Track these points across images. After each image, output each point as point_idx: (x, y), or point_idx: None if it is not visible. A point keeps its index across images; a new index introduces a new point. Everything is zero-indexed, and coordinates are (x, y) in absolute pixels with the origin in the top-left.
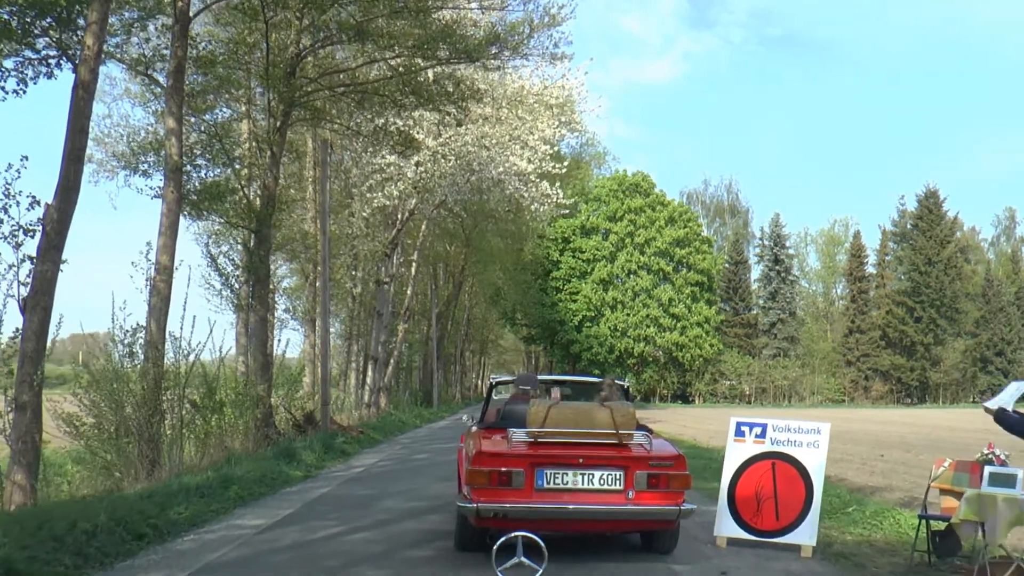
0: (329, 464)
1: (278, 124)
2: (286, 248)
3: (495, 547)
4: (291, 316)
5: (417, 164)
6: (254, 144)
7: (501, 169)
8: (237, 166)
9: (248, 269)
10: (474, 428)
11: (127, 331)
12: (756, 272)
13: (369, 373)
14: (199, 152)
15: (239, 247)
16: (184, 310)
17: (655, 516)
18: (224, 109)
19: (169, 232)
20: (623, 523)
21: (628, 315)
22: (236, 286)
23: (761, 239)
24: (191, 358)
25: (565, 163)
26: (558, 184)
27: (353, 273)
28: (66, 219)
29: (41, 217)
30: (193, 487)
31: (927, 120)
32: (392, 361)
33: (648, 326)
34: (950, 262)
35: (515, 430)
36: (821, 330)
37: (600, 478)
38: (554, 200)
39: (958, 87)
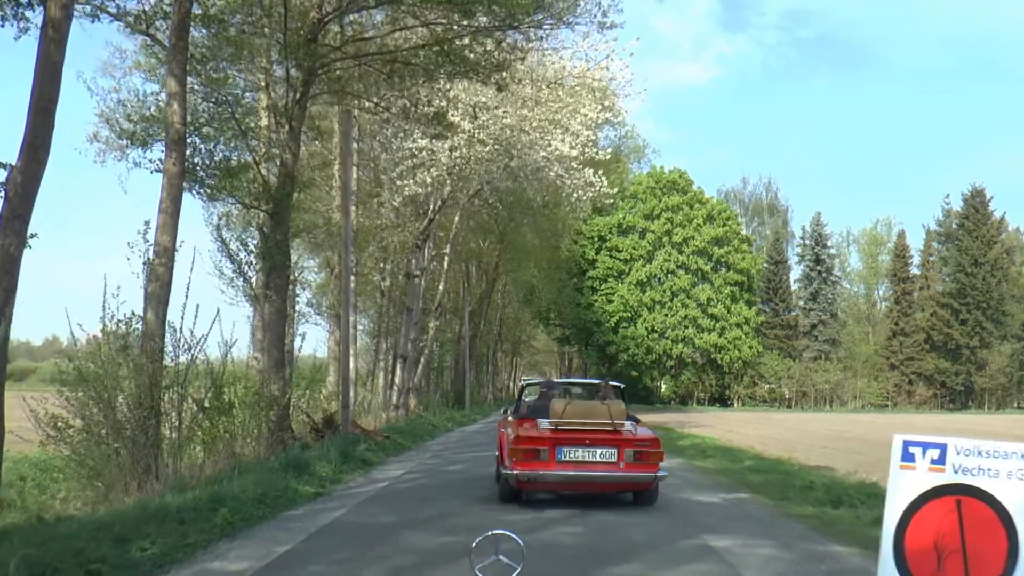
0: (347, 477)
1: (297, 96)
2: (308, 235)
3: (473, 546)
4: (314, 310)
5: (451, 149)
6: (272, 119)
7: (543, 154)
8: (252, 141)
9: (263, 255)
10: (510, 418)
11: (120, 321)
12: (796, 272)
13: (397, 372)
14: (204, 121)
15: (254, 231)
16: (186, 297)
17: (639, 480)
18: (239, 80)
19: (170, 209)
20: (617, 485)
21: (666, 316)
22: (250, 274)
23: (802, 238)
24: (196, 352)
25: (608, 151)
26: (601, 172)
27: (382, 266)
28: (33, 183)
29: (3, 181)
30: (173, 510)
31: (972, 118)
32: (422, 360)
33: (686, 327)
34: (996, 263)
35: (542, 420)
36: (863, 333)
37: (600, 453)
38: (598, 188)
39: (1002, 84)
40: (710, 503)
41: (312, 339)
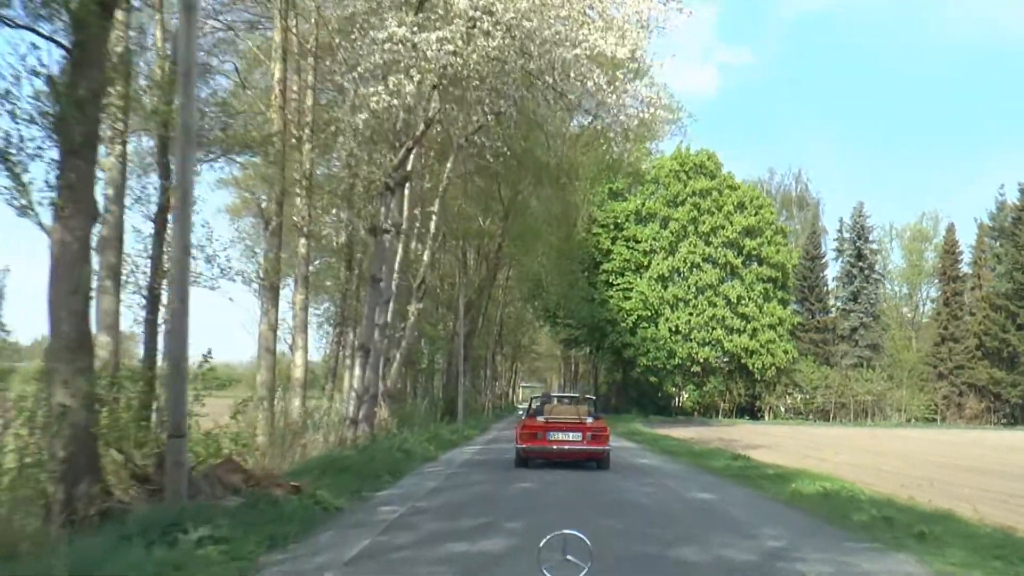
0: None
1: None
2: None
3: (540, 545)
4: (230, 276)
5: (442, 43)
6: None
7: (575, 52)
8: None
9: (52, 125)
10: (523, 416)
11: None
12: (833, 270)
13: (356, 372)
14: None
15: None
16: None
17: (595, 451)
18: None
19: None
20: (582, 454)
21: (691, 315)
22: (22, 166)
23: (840, 231)
24: None
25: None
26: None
27: (336, 214)
28: None
29: None
30: None
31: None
32: (398, 355)
33: (713, 328)
34: None
35: (539, 416)
36: (905, 338)
37: (572, 436)
38: (655, 105)
39: None
40: None
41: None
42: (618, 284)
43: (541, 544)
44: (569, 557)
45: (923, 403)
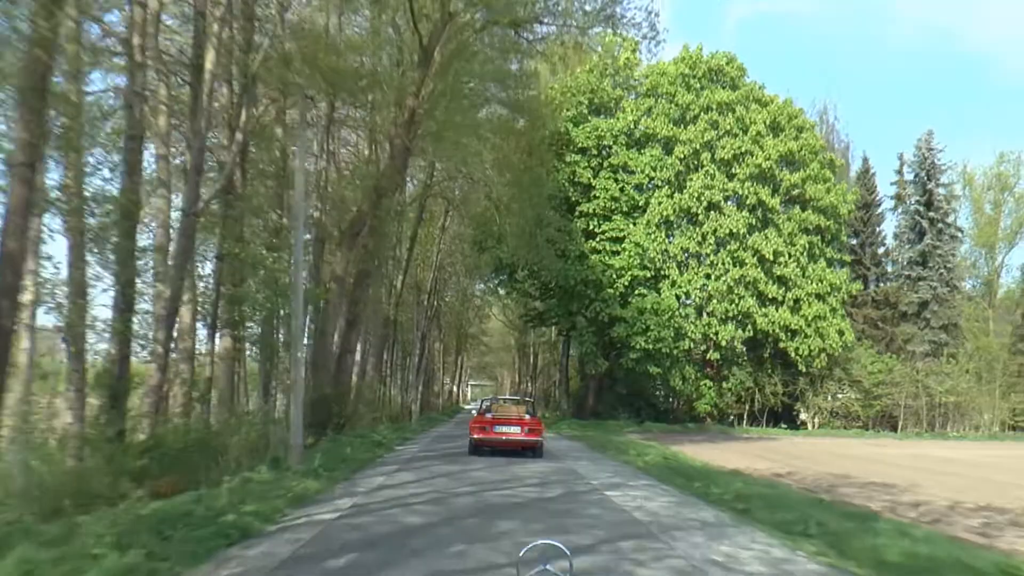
0: None
1: None
2: None
3: (520, 554)
4: None
5: None
6: None
7: None
8: None
9: None
10: (475, 412)
11: None
12: (891, 224)
13: None
14: None
15: None
16: None
17: (531, 442)
18: None
19: None
20: (521, 444)
21: (708, 277)
22: None
23: (900, 171)
24: None
25: None
26: None
27: None
28: None
29: None
30: None
31: None
32: None
33: (740, 296)
34: None
35: (487, 413)
36: (981, 319)
37: (513, 429)
38: None
39: None
40: None
41: None
42: (603, 232)
43: (521, 553)
44: (548, 567)
45: (1013, 408)
